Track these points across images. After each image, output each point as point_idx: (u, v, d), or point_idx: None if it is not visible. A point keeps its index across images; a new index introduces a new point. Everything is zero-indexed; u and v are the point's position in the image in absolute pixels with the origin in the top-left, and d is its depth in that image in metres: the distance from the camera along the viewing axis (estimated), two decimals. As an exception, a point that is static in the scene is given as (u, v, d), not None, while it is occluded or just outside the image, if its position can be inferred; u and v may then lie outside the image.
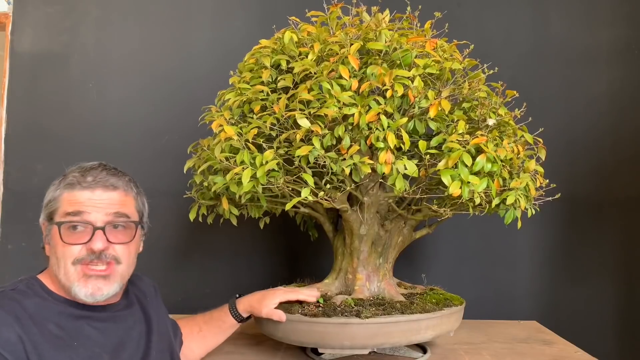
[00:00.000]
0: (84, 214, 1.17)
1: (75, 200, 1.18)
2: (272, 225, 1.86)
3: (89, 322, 1.20)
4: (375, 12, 1.53)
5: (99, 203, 1.19)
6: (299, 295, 1.48)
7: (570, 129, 2.18)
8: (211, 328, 1.51)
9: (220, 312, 1.52)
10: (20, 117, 2.20)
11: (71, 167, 1.25)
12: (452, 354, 1.66)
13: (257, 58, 1.54)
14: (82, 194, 1.18)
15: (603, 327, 2.15)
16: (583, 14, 2.22)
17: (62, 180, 1.22)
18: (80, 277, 1.17)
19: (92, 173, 1.20)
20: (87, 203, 1.18)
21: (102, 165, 1.24)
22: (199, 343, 1.51)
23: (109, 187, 1.21)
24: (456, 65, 1.46)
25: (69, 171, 1.24)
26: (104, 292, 1.19)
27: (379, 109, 1.32)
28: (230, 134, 1.35)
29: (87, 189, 1.19)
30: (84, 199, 1.18)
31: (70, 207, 1.17)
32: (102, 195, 1.19)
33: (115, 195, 1.21)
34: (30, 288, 1.19)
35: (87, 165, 1.24)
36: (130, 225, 1.24)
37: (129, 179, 1.27)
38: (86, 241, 1.17)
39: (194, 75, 2.21)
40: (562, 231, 2.18)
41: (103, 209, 1.19)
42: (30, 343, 1.08)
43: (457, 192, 1.32)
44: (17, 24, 2.23)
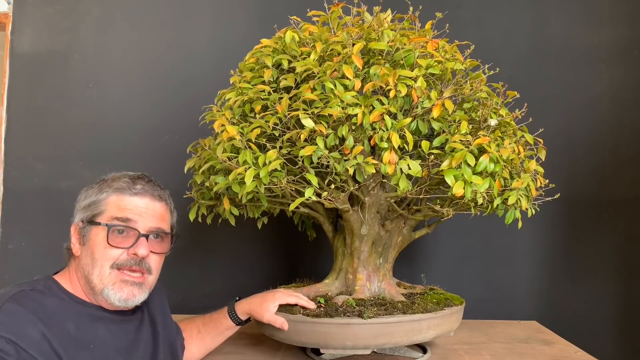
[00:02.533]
0: (131, 220, 1.21)
1: (124, 206, 1.22)
2: (272, 226, 1.86)
3: (104, 324, 1.22)
4: (377, 12, 1.53)
5: (145, 212, 1.23)
6: (299, 300, 1.48)
7: (570, 129, 2.19)
8: (210, 330, 1.52)
9: (219, 315, 1.53)
10: (20, 117, 2.20)
11: (113, 174, 1.29)
12: (452, 354, 1.66)
13: (258, 57, 1.53)
14: (132, 200, 1.23)
15: (603, 327, 2.16)
16: (583, 14, 2.23)
17: (104, 184, 1.25)
18: (116, 281, 1.20)
19: (140, 182, 1.26)
20: (135, 210, 1.22)
21: (146, 177, 1.30)
22: (197, 344, 1.52)
23: (156, 198, 1.26)
24: (458, 65, 1.46)
25: (111, 177, 1.27)
26: (137, 298, 1.23)
27: (383, 109, 1.32)
28: (232, 133, 1.35)
29: (137, 195, 1.24)
30: (133, 205, 1.22)
31: (118, 211, 1.21)
32: (149, 205, 1.25)
33: (160, 207, 1.27)
34: (48, 288, 1.20)
35: (132, 173, 1.29)
36: (167, 237, 1.29)
37: (169, 194, 1.33)
38: (129, 246, 1.21)
39: (194, 75, 2.21)
40: (562, 231, 2.18)
41: (149, 218, 1.24)
42: (56, 340, 1.10)
43: (461, 192, 1.32)
44: (17, 24, 2.22)
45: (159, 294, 1.43)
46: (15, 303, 1.10)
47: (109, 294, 1.19)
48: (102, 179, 1.28)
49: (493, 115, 1.47)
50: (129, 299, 1.21)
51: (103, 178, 1.28)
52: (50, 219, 2.16)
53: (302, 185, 1.38)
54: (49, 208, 2.16)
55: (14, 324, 1.06)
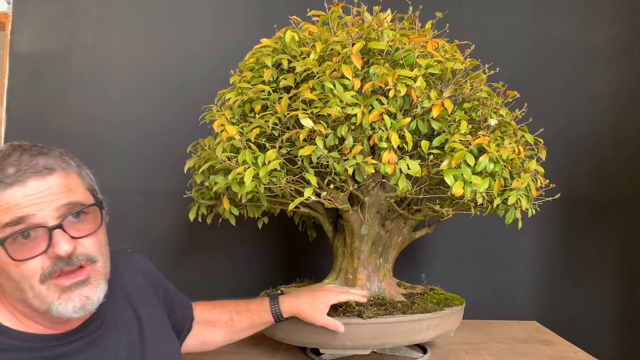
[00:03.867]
0: (27, 217, 0.88)
1: (4, 205, 0.88)
2: (272, 225, 1.86)
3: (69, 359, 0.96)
4: (376, 12, 1.53)
5: (39, 198, 0.89)
6: (350, 295, 1.39)
7: (571, 129, 2.18)
8: (243, 320, 1.37)
9: (259, 307, 1.37)
10: (20, 117, 2.19)
11: None
12: (452, 354, 1.66)
13: (258, 57, 1.53)
14: (12, 193, 0.88)
15: (603, 327, 2.15)
16: (583, 14, 2.22)
17: None
18: (59, 292, 0.92)
19: (11, 162, 0.90)
20: (25, 202, 0.88)
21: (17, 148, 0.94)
22: (224, 331, 1.38)
23: (43, 173, 0.91)
24: (458, 65, 1.46)
25: None
26: (93, 299, 0.95)
27: (382, 109, 1.32)
28: (232, 133, 1.35)
29: (15, 184, 0.88)
30: (17, 199, 0.88)
31: (4, 215, 0.88)
32: (39, 186, 0.90)
33: (55, 180, 0.92)
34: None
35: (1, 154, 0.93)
36: (90, 210, 0.96)
37: (60, 153, 0.97)
38: (45, 249, 0.89)
39: (194, 74, 2.21)
40: (562, 231, 2.18)
41: (48, 202, 0.90)
42: None
43: (460, 192, 1.32)
44: (17, 24, 2.22)
45: (141, 277, 1.21)
46: None
47: (60, 311, 0.91)
48: None
49: (493, 115, 1.47)
50: (85, 304, 0.93)
51: None
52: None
53: (302, 185, 1.38)
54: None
55: None
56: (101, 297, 0.96)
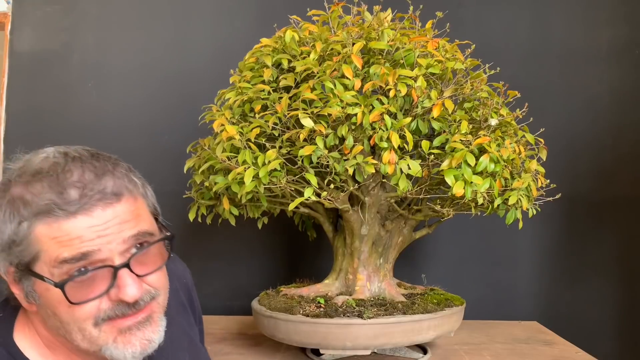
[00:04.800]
0: (91, 253, 0.73)
1: (65, 237, 0.72)
2: (272, 226, 1.85)
3: None
4: (377, 12, 1.52)
5: (105, 229, 0.74)
6: None
7: (571, 129, 2.18)
8: None
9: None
10: (20, 116, 2.19)
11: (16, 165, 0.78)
12: (452, 354, 1.65)
13: (258, 57, 1.53)
14: (75, 223, 0.72)
15: (604, 327, 2.15)
16: (583, 14, 2.22)
17: (16, 201, 0.74)
18: (116, 335, 0.77)
19: (73, 183, 0.74)
20: (88, 235, 0.73)
21: (75, 159, 0.77)
22: None
23: (112, 199, 0.75)
24: (458, 65, 1.45)
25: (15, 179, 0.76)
26: (155, 339, 0.80)
27: (382, 108, 1.32)
28: (232, 133, 1.35)
29: (79, 213, 0.73)
30: (81, 229, 0.73)
31: (61, 248, 0.72)
32: (106, 215, 0.74)
33: (122, 207, 0.76)
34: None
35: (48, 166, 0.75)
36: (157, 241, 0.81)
37: (126, 170, 0.82)
38: (106, 290, 0.75)
39: (194, 74, 2.20)
40: (562, 231, 2.18)
41: (115, 235, 0.75)
42: None
43: (461, 192, 1.32)
44: (16, 24, 2.22)
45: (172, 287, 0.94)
46: None
47: (114, 354, 0.77)
48: (7, 181, 0.77)
49: (494, 115, 1.47)
50: (145, 348, 0.79)
51: (8, 177, 0.77)
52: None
53: (302, 185, 1.37)
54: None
55: None
56: (162, 337, 0.82)
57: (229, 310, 2.11)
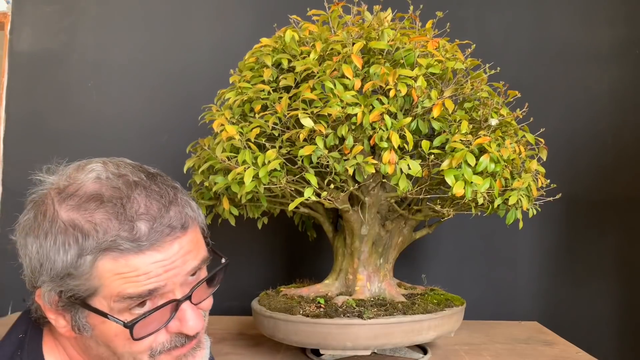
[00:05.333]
0: (157, 290, 0.71)
1: (135, 274, 0.69)
2: (272, 226, 1.85)
3: None
4: (377, 11, 1.52)
5: (172, 264, 0.71)
6: None
7: (571, 129, 2.18)
8: None
9: None
10: (20, 116, 2.19)
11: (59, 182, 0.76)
12: (452, 354, 1.65)
13: (258, 57, 1.53)
14: (144, 259, 0.69)
15: (604, 327, 2.15)
16: (583, 14, 2.22)
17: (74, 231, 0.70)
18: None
19: (142, 215, 0.70)
20: (156, 271, 0.70)
21: (137, 186, 0.73)
22: None
23: (178, 232, 0.72)
24: (459, 65, 1.45)
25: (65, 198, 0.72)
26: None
27: (382, 108, 1.32)
28: (231, 133, 1.35)
29: (151, 249, 0.70)
30: (149, 266, 0.70)
31: (129, 285, 0.69)
32: (173, 249, 0.71)
33: (188, 238, 0.74)
34: None
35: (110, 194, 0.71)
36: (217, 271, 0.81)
37: (185, 197, 0.78)
38: (165, 322, 0.73)
39: (194, 74, 2.20)
40: (562, 231, 2.18)
41: (179, 268, 0.72)
42: None
43: (461, 192, 1.32)
44: (16, 23, 2.22)
45: None
46: None
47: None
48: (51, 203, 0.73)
49: (494, 115, 1.47)
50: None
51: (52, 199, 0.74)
52: (50, 219, 2.16)
53: (302, 185, 1.37)
54: (48, 208, 2.16)
55: None
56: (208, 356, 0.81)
57: (229, 310, 2.11)
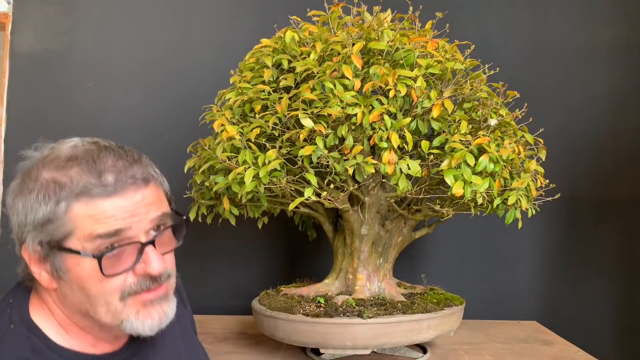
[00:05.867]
0: (122, 230, 0.81)
1: (101, 215, 0.80)
2: (272, 225, 1.86)
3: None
4: (377, 12, 1.53)
5: (134, 210, 0.83)
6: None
7: (571, 129, 2.19)
8: None
9: None
10: (20, 116, 2.19)
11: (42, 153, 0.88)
12: (452, 354, 1.66)
13: (258, 57, 1.53)
14: (110, 203, 0.81)
15: (603, 327, 2.15)
16: (583, 14, 2.22)
17: (53, 184, 0.82)
18: (139, 307, 0.85)
19: (109, 168, 0.83)
20: (120, 214, 0.81)
21: (108, 150, 0.86)
22: None
23: (141, 184, 0.85)
24: (458, 65, 1.46)
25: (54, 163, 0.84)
26: (169, 314, 0.88)
27: (382, 109, 1.32)
28: (232, 133, 1.35)
29: (115, 194, 0.81)
30: (115, 209, 0.81)
31: (96, 225, 0.80)
32: (136, 197, 0.83)
33: (149, 192, 0.86)
34: (36, 351, 0.84)
35: (82, 152, 0.85)
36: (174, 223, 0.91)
37: (147, 159, 0.92)
38: (133, 263, 0.83)
39: (194, 74, 2.21)
40: (562, 231, 2.18)
41: (143, 215, 0.84)
42: None
43: (460, 192, 1.32)
44: (17, 24, 2.22)
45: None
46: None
47: (134, 326, 0.84)
48: (36, 166, 0.86)
49: (493, 115, 1.47)
50: (162, 320, 0.87)
51: (37, 164, 0.86)
52: (50, 219, 2.16)
53: (302, 185, 1.38)
54: (49, 208, 2.16)
55: None
56: (173, 313, 0.89)
57: (229, 310, 2.11)
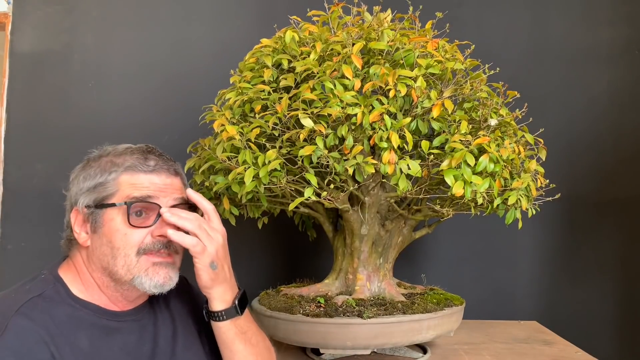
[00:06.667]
0: (152, 197, 1.06)
1: (140, 184, 1.07)
2: (272, 225, 1.85)
3: (121, 336, 1.08)
4: (377, 12, 1.53)
5: (164, 188, 1.09)
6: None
7: (571, 129, 2.19)
8: None
9: None
10: (20, 117, 2.19)
11: (112, 147, 1.14)
12: (452, 354, 1.66)
13: (258, 57, 1.53)
14: (148, 178, 1.08)
15: (603, 327, 2.15)
16: (583, 14, 2.22)
17: (108, 162, 1.09)
18: (148, 266, 1.05)
19: (152, 157, 1.11)
20: (154, 187, 1.08)
21: (156, 150, 1.15)
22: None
23: (172, 173, 1.12)
24: (458, 65, 1.46)
25: (113, 151, 1.12)
26: (173, 280, 1.08)
27: (382, 109, 1.32)
28: (232, 133, 1.35)
29: (153, 173, 1.09)
30: (150, 183, 1.08)
31: (135, 190, 1.06)
32: (167, 181, 1.10)
33: (177, 182, 1.13)
34: (58, 293, 1.05)
35: (137, 147, 1.14)
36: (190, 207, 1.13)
37: (179, 165, 1.18)
38: (152, 223, 1.06)
39: (194, 74, 2.21)
40: (562, 231, 2.18)
41: (169, 194, 1.09)
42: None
43: (460, 192, 1.32)
44: (17, 24, 2.22)
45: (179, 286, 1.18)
46: (25, 318, 0.96)
47: (143, 282, 1.04)
48: (99, 155, 1.12)
49: (493, 115, 1.47)
50: (166, 282, 1.06)
51: (101, 154, 1.13)
52: (50, 219, 2.15)
53: (302, 185, 1.38)
54: (49, 208, 2.16)
55: (23, 347, 0.93)
56: (175, 283, 1.09)
57: (229, 310, 2.11)
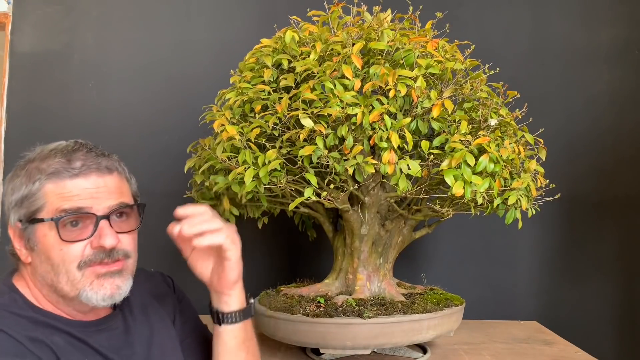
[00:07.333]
0: (83, 208, 0.96)
1: (67, 193, 0.96)
2: (272, 226, 1.85)
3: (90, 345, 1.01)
4: (377, 12, 1.53)
5: (96, 192, 0.98)
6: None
7: (571, 129, 2.19)
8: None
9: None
10: (20, 117, 2.19)
11: (40, 148, 1.03)
12: (452, 354, 1.66)
13: (258, 57, 1.53)
14: (75, 183, 0.97)
15: (603, 327, 2.15)
16: (583, 14, 2.22)
17: (32, 168, 0.99)
18: (93, 279, 0.97)
19: (78, 156, 0.99)
20: (84, 194, 0.97)
21: (83, 146, 1.03)
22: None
23: (104, 171, 1.00)
24: (458, 65, 1.46)
25: (38, 155, 1.01)
26: (123, 289, 1.00)
27: (382, 109, 1.32)
28: (232, 133, 1.35)
29: (80, 176, 0.97)
30: (78, 189, 0.97)
31: (62, 202, 0.96)
32: (98, 182, 0.99)
33: (112, 180, 1.01)
34: (16, 302, 0.99)
35: (62, 147, 1.02)
36: (133, 211, 1.05)
37: (117, 158, 1.07)
38: (90, 235, 0.96)
39: (194, 74, 2.21)
40: (562, 231, 2.18)
41: (104, 197, 0.99)
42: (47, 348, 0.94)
43: (460, 192, 1.32)
44: (17, 24, 2.22)
45: (163, 289, 1.24)
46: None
47: (89, 296, 0.97)
48: (28, 160, 1.02)
49: (493, 115, 1.47)
50: (114, 293, 0.98)
51: (29, 158, 1.02)
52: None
53: (302, 185, 1.38)
54: (49, 208, 2.16)
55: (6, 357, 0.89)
56: (127, 291, 1.01)
57: (229, 310, 2.11)
